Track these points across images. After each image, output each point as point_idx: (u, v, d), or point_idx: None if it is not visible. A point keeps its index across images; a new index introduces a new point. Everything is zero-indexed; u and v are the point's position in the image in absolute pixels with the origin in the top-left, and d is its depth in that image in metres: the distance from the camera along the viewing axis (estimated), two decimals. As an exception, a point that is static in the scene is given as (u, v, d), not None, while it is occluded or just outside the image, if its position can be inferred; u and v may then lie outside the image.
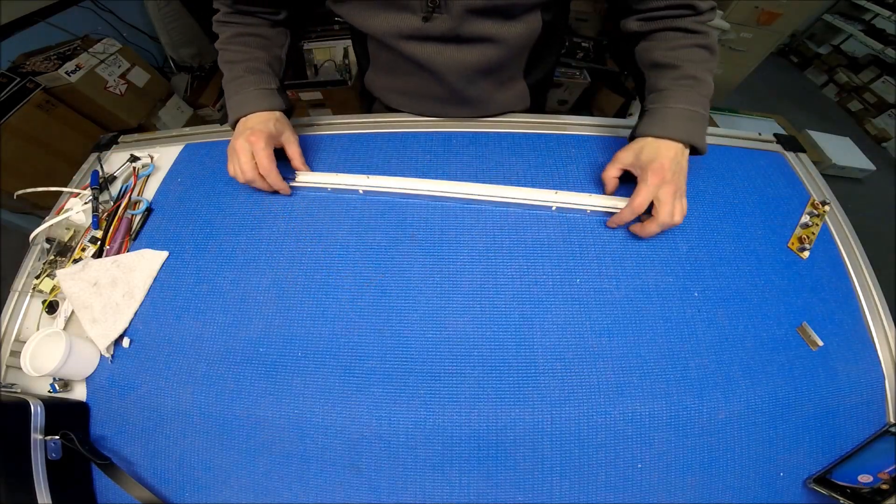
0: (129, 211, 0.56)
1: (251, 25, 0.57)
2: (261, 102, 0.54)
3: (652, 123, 0.50)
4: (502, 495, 0.40)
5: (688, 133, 0.48)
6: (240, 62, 0.56)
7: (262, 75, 0.56)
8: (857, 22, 2.50)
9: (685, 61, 0.49)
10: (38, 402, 0.40)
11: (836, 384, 0.44)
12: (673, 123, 0.48)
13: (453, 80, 0.57)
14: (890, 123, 2.34)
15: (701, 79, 0.49)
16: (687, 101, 0.49)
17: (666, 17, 0.49)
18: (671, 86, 0.50)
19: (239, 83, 0.55)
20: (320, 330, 0.47)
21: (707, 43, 0.50)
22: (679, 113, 0.48)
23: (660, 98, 0.50)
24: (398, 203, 0.55)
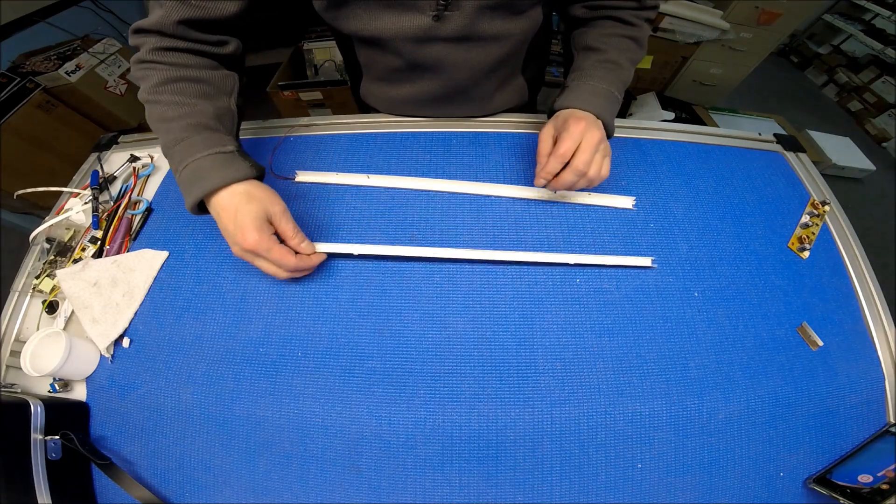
0: (129, 211, 0.56)
1: (185, 67, 0.44)
2: (223, 173, 0.41)
3: (570, 97, 0.50)
4: (502, 495, 0.40)
5: (601, 109, 0.49)
6: (176, 119, 0.42)
7: (211, 134, 0.42)
8: (857, 22, 2.50)
9: (612, 48, 0.51)
10: (38, 402, 0.40)
11: (836, 384, 0.44)
12: (589, 98, 0.49)
13: (460, 80, 0.56)
14: (890, 123, 2.34)
15: (622, 64, 0.51)
16: (605, 81, 0.50)
17: (608, 7, 0.52)
18: (593, 66, 0.51)
19: (182, 149, 0.41)
20: (320, 330, 0.47)
21: (637, 35, 0.52)
22: (595, 90, 0.50)
23: (580, 76, 0.51)
24: (398, 203, 0.55)
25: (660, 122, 0.66)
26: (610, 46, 0.51)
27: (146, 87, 0.43)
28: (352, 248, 0.49)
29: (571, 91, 0.51)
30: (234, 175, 0.41)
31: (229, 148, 0.43)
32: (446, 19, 0.47)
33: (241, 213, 0.40)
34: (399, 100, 0.64)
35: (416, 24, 0.48)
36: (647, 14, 0.53)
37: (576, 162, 0.46)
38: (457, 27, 0.48)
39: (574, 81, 0.51)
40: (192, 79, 0.44)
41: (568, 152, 0.46)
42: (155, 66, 0.43)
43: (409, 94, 0.61)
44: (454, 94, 0.59)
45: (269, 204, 0.42)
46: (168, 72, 0.43)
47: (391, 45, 0.51)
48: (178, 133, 0.42)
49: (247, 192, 0.41)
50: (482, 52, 0.53)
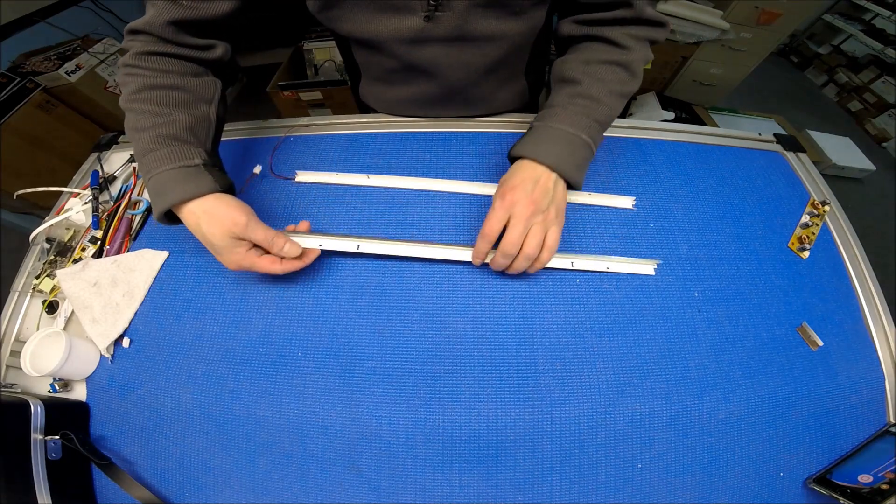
0: (129, 211, 0.56)
1: (165, 74, 0.43)
2: (184, 187, 0.40)
3: (523, 143, 0.44)
4: (502, 495, 0.40)
5: (558, 158, 0.41)
6: (148, 129, 0.41)
7: (179, 146, 0.41)
8: (857, 22, 2.50)
9: (590, 78, 0.43)
10: (38, 402, 0.40)
11: (836, 384, 0.44)
12: (545, 146, 0.42)
13: (456, 81, 0.56)
14: (890, 123, 2.34)
15: (599, 100, 0.43)
16: (570, 123, 0.43)
17: (600, 22, 0.45)
18: (562, 103, 0.44)
19: (148, 161, 0.40)
20: (320, 330, 0.47)
21: (627, 61, 0.44)
22: (556, 135, 0.42)
23: (543, 116, 0.45)
24: (398, 203, 0.55)
25: (660, 122, 0.66)
26: (588, 76, 0.44)
27: (125, 93, 0.43)
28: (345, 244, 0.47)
29: (529, 135, 0.44)
30: (193, 190, 0.40)
31: (195, 161, 0.41)
32: (438, 20, 0.46)
33: (208, 237, 0.40)
34: (397, 101, 0.64)
35: (407, 25, 0.47)
36: (648, 32, 0.44)
37: (503, 244, 0.41)
38: (449, 27, 0.47)
39: (536, 121, 0.46)
40: (170, 86, 0.43)
41: (491, 233, 0.42)
42: (136, 70, 0.43)
43: (406, 95, 0.61)
44: (452, 96, 0.59)
45: (230, 222, 0.40)
46: (147, 79, 0.42)
47: (385, 46, 0.51)
48: (147, 144, 0.41)
49: (206, 211, 0.40)
50: (477, 53, 0.52)
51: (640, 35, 0.44)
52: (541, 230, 0.41)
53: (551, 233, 0.42)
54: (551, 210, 0.42)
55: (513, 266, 0.43)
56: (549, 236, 0.42)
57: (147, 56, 0.43)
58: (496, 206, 0.42)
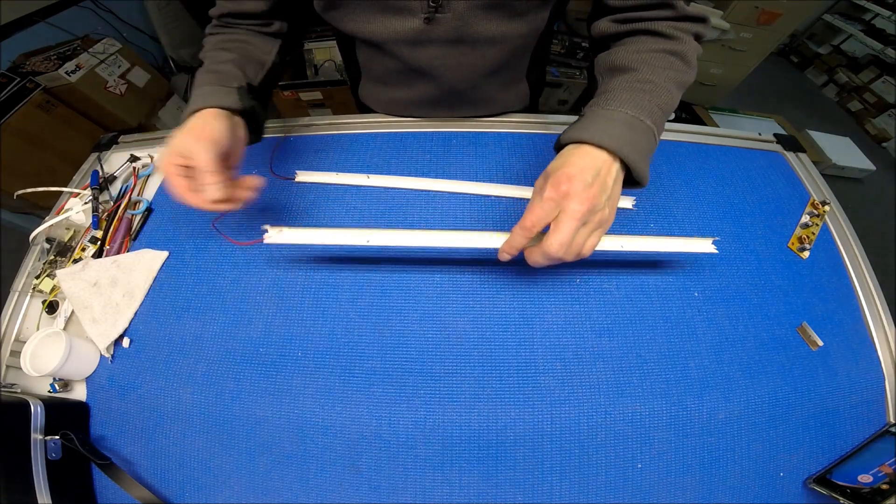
0: (129, 211, 0.56)
1: (234, 36, 0.51)
2: (208, 99, 0.42)
3: (577, 128, 0.37)
4: (502, 495, 0.40)
5: (620, 142, 0.35)
6: (206, 68, 0.47)
7: (222, 75, 0.46)
8: (857, 22, 2.50)
9: (648, 65, 0.40)
10: (38, 402, 0.40)
11: (836, 384, 0.44)
12: (603, 127, 0.36)
13: (456, 83, 0.56)
14: (890, 123, 2.34)
15: (660, 84, 0.39)
16: (633, 106, 0.37)
17: (641, 19, 0.42)
18: (618, 87, 0.39)
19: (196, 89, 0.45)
20: (320, 330, 0.47)
21: (681, 50, 0.41)
22: (616, 117, 0.37)
23: (599, 101, 0.39)
24: (399, 203, 0.55)
25: (660, 122, 0.66)
26: (645, 64, 0.40)
27: (203, 51, 0.50)
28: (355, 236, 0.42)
29: (584, 120, 0.38)
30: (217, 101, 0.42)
31: (234, 84, 0.45)
32: (438, 21, 0.46)
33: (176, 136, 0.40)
34: (397, 102, 0.64)
35: (408, 26, 0.47)
36: (692, 27, 0.42)
37: (549, 245, 0.34)
38: (449, 29, 0.47)
39: (590, 108, 0.40)
40: (237, 40, 0.51)
41: (536, 226, 0.35)
42: (210, 36, 0.52)
43: (406, 96, 0.61)
44: (452, 98, 0.59)
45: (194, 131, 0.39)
46: (218, 38, 0.51)
47: (386, 47, 0.51)
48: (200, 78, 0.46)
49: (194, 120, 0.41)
50: (478, 55, 0.52)
51: (685, 28, 0.41)
52: (588, 231, 0.35)
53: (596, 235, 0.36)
54: (606, 209, 0.35)
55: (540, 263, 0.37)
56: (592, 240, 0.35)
57: (220, 25, 0.52)
58: (547, 195, 0.34)
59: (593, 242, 0.35)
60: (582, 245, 0.35)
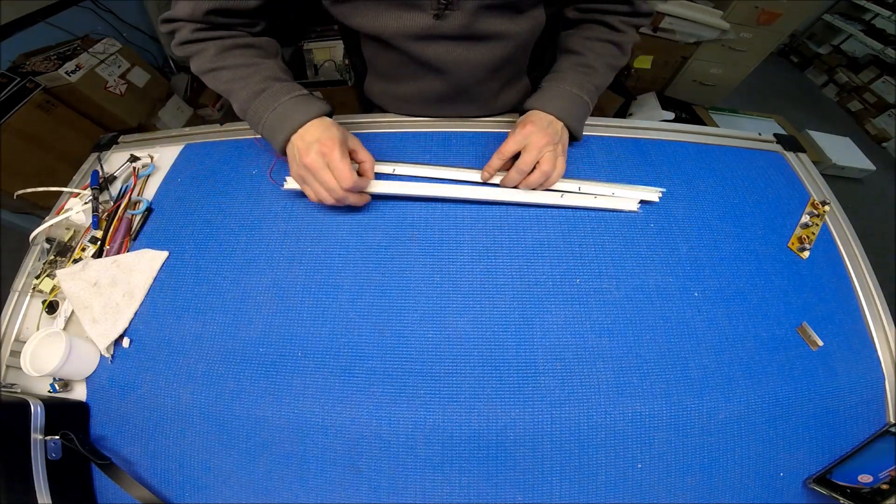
0: (129, 211, 0.56)
1: (234, 37, 0.49)
2: (309, 109, 0.48)
3: (536, 98, 0.54)
4: (502, 495, 0.40)
5: (565, 112, 0.52)
6: (251, 76, 0.48)
7: (286, 83, 0.49)
8: (857, 22, 2.50)
9: (591, 51, 0.53)
10: (38, 402, 0.40)
11: (836, 384, 0.44)
12: (555, 101, 0.52)
13: (462, 79, 0.56)
14: (890, 123, 2.34)
15: (597, 69, 0.53)
16: (574, 84, 0.52)
17: (598, 10, 0.53)
18: (567, 68, 0.54)
19: (266, 98, 0.48)
20: (320, 330, 0.47)
21: (620, 41, 0.54)
22: (563, 93, 0.52)
23: (552, 78, 0.54)
24: (399, 203, 0.55)
25: (660, 122, 0.66)
26: (589, 50, 0.54)
27: (206, 57, 0.48)
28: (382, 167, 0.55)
29: (539, 92, 0.54)
30: (317, 110, 0.48)
31: (304, 91, 0.50)
32: (447, 18, 0.47)
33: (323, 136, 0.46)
34: (403, 97, 0.64)
35: (417, 22, 0.48)
36: (637, 21, 0.53)
37: (519, 162, 0.50)
38: (458, 26, 0.48)
39: (545, 83, 0.55)
40: (246, 45, 0.50)
41: (507, 152, 0.51)
42: (205, 42, 0.48)
43: (412, 92, 0.61)
44: (458, 94, 0.59)
45: (347, 133, 0.49)
46: (222, 42, 0.48)
47: (393, 42, 0.51)
48: (258, 85, 0.48)
49: (326, 125, 0.47)
50: (485, 51, 0.52)
51: (632, 22, 0.53)
52: (553, 156, 0.50)
53: (560, 161, 0.51)
54: (559, 146, 0.52)
55: (526, 181, 0.52)
56: (559, 163, 0.51)
57: (205, 30, 0.48)
58: (515, 132, 0.51)
59: (560, 165, 0.51)
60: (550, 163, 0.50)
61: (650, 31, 1.68)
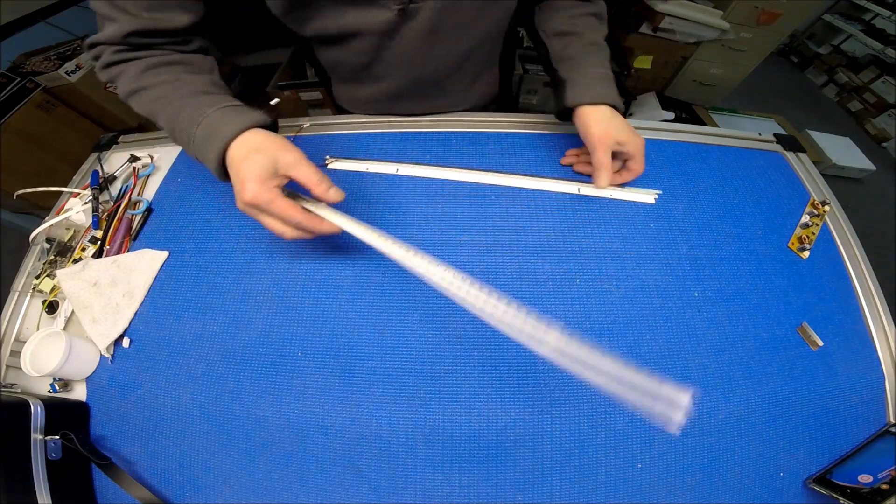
0: (129, 211, 0.56)
1: (160, 55, 0.43)
2: (238, 119, 0.39)
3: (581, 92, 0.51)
4: (502, 495, 0.40)
5: (610, 96, 0.51)
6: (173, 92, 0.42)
7: (213, 95, 0.43)
8: (857, 22, 2.50)
9: (586, 28, 0.53)
10: (38, 402, 0.40)
11: (836, 384, 0.44)
12: (597, 89, 0.51)
13: (430, 74, 0.55)
14: (890, 123, 2.34)
15: (601, 44, 0.53)
16: (600, 65, 0.52)
17: None
18: (581, 52, 0.52)
19: (190, 114, 0.40)
20: (320, 330, 0.47)
21: (598, 12, 0.54)
22: (598, 76, 0.51)
23: (575, 65, 0.52)
24: (399, 203, 0.55)
25: (660, 122, 0.66)
26: (584, 28, 0.53)
27: (127, 78, 0.43)
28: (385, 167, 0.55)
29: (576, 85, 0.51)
30: (249, 120, 0.39)
31: (237, 102, 0.42)
32: (413, 13, 0.45)
33: (246, 164, 0.37)
34: (370, 98, 0.62)
35: (381, 18, 0.46)
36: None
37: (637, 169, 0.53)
38: (424, 20, 0.46)
39: (572, 72, 0.52)
40: (172, 62, 0.44)
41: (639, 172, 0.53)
42: (127, 63, 0.43)
43: (378, 92, 0.60)
44: (427, 88, 0.58)
45: (279, 152, 0.38)
46: (146, 61, 0.42)
47: (356, 42, 0.49)
48: (181, 101, 0.41)
49: (256, 142, 0.39)
50: (453, 44, 0.51)
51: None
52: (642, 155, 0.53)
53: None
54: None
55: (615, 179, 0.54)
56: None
57: (130, 51, 0.43)
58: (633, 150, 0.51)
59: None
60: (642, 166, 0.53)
61: (650, 31, 1.68)
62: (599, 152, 0.49)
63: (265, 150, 0.38)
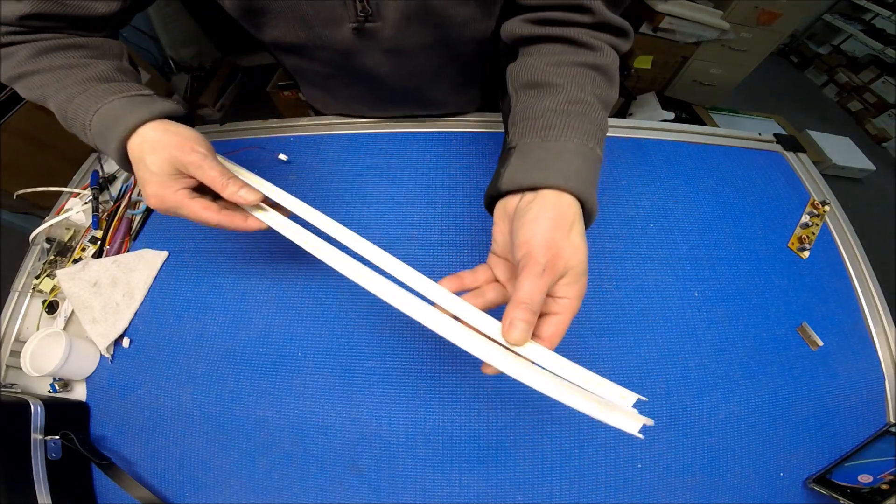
0: (129, 211, 0.56)
1: (59, 38, 0.37)
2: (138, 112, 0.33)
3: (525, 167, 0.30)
4: (502, 495, 0.40)
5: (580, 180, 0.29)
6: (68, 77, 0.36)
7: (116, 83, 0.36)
8: (857, 22, 2.50)
9: (571, 81, 0.33)
10: (38, 402, 0.40)
11: (836, 384, 0.44)
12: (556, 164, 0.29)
13: (403, 86, 0.52)
14: (890, 123, 2.34)
15: (592, 104, 0.33)
16: (578, 133, 0.31)
17: (556, 22, 0.36)
18: (551, 109, 0.32)
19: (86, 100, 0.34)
20: (320, 330, 0.47)
21: (602, 63, 0.35)
22: (567, 148, 0.30)
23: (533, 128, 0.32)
24: (399, 203, 0.55)
25: (660, 122, 0.66)
26: (568, 79, 0.33)
27: (14, 62, 0.36)
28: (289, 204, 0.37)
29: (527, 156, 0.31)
30: (149, 112, 0.33)
31: (145, 91, 0.36)
32: (369, 31, 0.42)
33: (141, 168, 0.33)
34: (344, 101, 0.61)
35: (337, 37, 0.43)
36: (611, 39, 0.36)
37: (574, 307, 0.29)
38: (383, 38, 0.43)
39: (524, 138, 0.32)
40: (72, 45, 0.37)
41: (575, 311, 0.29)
42: (19, 45, 0.36)
43: (351, 96, 0.58)
44: (403, 97, 0.57)
45: (178, 151, 0.33)
46: (40, 44, 0.36)
47: (319, 54, 0.46)
48: (76, 87, 0.35)
49: (153, 139, 0.33)
50: (421, 62, 0.48)
51: (602, 38, 0.36)
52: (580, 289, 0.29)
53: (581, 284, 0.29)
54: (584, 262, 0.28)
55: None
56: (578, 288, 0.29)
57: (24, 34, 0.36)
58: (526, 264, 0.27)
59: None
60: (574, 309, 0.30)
61: (650, 31, 1.68)
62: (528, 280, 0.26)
63: (161, 150, 0.33)
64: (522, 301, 0.26)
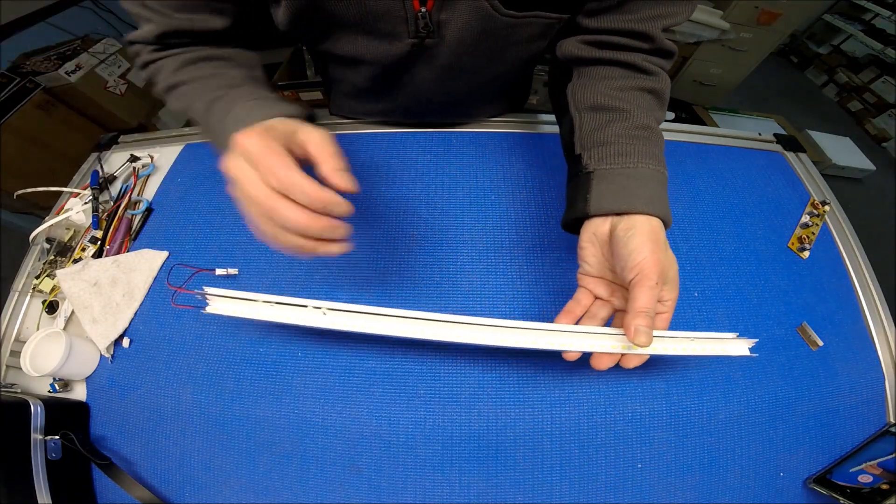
0: (129, 211, 0.56)
1: (200, 50, 0.41)
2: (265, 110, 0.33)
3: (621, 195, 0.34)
4: (502, 495, 0.40)
5: (662, 204, 0.34)
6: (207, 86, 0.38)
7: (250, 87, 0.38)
8: (857, 22, 2.50)
9: (637, 107, 0.37)
10: (38, 402, 0.40)
11: (836, 384, 0.44)
12: (641, 191, 0.34)
13: (441, 100, 0.54)
14: (890, 123, 2.34)
15: (655, 130, 0.37)
16: (651, 159, 0.35)
17: (617, 47, 0.39)
18: (621, 135, 0.36)
19: (223, 105, 0.35)
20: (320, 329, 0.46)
21: (659, 88, 0.39)
22: (645, 174, 0.34)
23: (612, 155, 0.35)
24: (399, 203, 0.55)
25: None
26: (634, 105, 0.37)
27: (165, 75, 0.40)
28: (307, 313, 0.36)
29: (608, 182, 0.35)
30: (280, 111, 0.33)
31: (274, 95, 0.37)
32: (427, 49, 0.43)
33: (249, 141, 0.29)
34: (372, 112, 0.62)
35: (393, 52, 0.43)
36: (665, 63, 0.40)
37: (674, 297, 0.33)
38: (439, 56, 0.44)
39: (601, 164, 0.36)
40: (212, 57, 0.41)
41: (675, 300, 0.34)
42: (166, 56, 0.40)
43: (383, 108, 0.59)
44: (431, 109, 0.58)
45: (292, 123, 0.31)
46: (185, 56, 0.40)
47: (366, 68, 0.47)
48: (213, 93, 0.37)
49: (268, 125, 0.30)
50: (468, 78, 0.49)
51: (658, 63, 0.39)
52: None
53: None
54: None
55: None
56: None
57: (168, 48, 0.41)
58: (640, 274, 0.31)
59: None
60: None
61: (650, 31, 1.68)
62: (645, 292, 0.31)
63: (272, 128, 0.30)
64: (642, 310, 0.31)
